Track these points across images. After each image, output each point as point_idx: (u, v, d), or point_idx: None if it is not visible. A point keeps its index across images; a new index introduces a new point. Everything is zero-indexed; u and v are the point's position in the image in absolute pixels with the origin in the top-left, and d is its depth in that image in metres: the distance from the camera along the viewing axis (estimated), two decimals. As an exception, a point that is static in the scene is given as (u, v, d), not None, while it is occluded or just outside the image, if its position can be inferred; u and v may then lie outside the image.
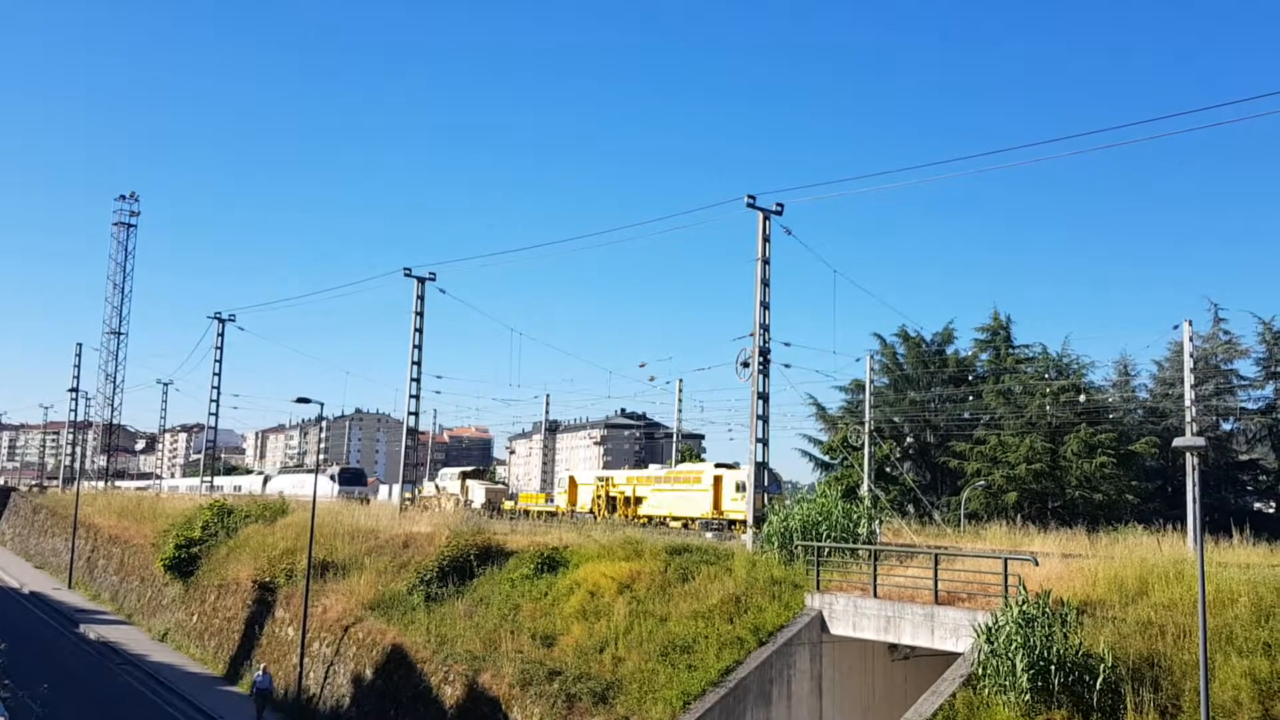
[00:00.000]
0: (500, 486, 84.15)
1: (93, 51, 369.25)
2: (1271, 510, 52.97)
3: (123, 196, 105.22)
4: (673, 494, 49.92)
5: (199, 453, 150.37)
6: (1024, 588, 19.94)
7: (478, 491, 66.13)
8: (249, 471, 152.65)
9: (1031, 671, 18.00)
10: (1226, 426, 57.04)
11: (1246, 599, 19.16)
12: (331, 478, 67.07)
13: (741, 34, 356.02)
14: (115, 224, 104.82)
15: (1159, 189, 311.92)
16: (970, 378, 61.30)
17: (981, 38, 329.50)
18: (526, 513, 59.32)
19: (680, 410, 67.94)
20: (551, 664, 27.14)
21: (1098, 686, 17.68)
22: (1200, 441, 17.10)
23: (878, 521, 31.80)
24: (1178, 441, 16.97)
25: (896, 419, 61.52)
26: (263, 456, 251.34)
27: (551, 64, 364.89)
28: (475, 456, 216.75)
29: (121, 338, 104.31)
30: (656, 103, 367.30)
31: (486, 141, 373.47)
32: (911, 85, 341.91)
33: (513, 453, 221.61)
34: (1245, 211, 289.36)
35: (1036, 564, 22.35)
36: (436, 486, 68.72)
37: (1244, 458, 57.06)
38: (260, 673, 36.44)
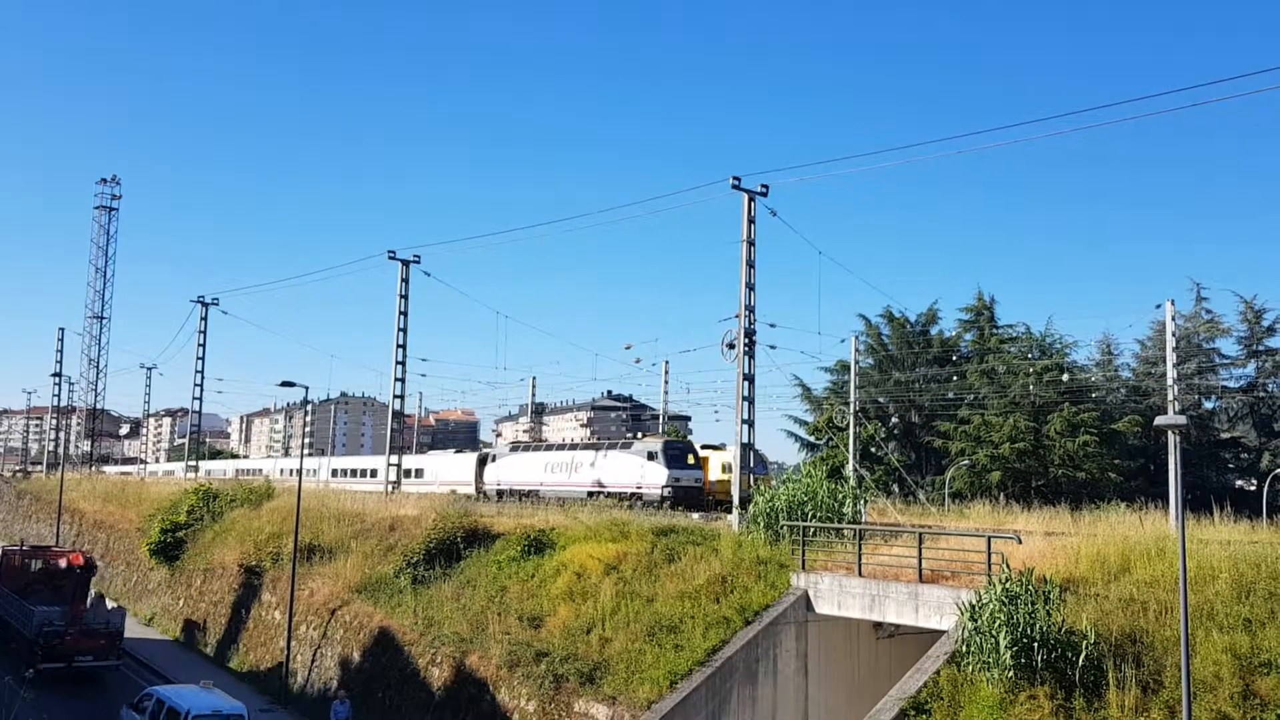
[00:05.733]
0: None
1: (74, 41, 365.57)
2: (1253, 488, 53.21)
3: (104, 180, 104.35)
4: None
5: (183, 437, 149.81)
6: (1007, 566, 20.07)
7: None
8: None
9: (1015, 649, 18.12)
10: (1208, 405, 57.36)
11: (1227, 575, 19.35)
12: (650, 456, 44.37)
13: (724, 17, 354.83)
14: (97, 208, 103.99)
15: (1141, 167, 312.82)
16: (954, 358, 61.49)
17: (963, 14, 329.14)
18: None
19: (666, 392, 68.00)
20: (539, 645, 27.23)
21: (1080, 663, 17.83)
22: (1182, 420, 17.19)
23: (863, 501, 31.93)
24: (1160, 420, 17.06)
25: (881, 399, 61.68)
26: (247, 440, 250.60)
27: (534, 53, 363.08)
28: (461, 439, 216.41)
29: (104, 322, 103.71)
30: (640, 87, 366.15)
31: (471, 129, 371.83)
32: (895, 65, 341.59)
33: (499, 435, 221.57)
34: (1228, 189, 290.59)
35: (1020, 542, 22.50)
36: None
37: (1225, 436, 57.38)
38: (338, 701, 30.48)
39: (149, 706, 28.53)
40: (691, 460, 45.16)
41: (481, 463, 55.69)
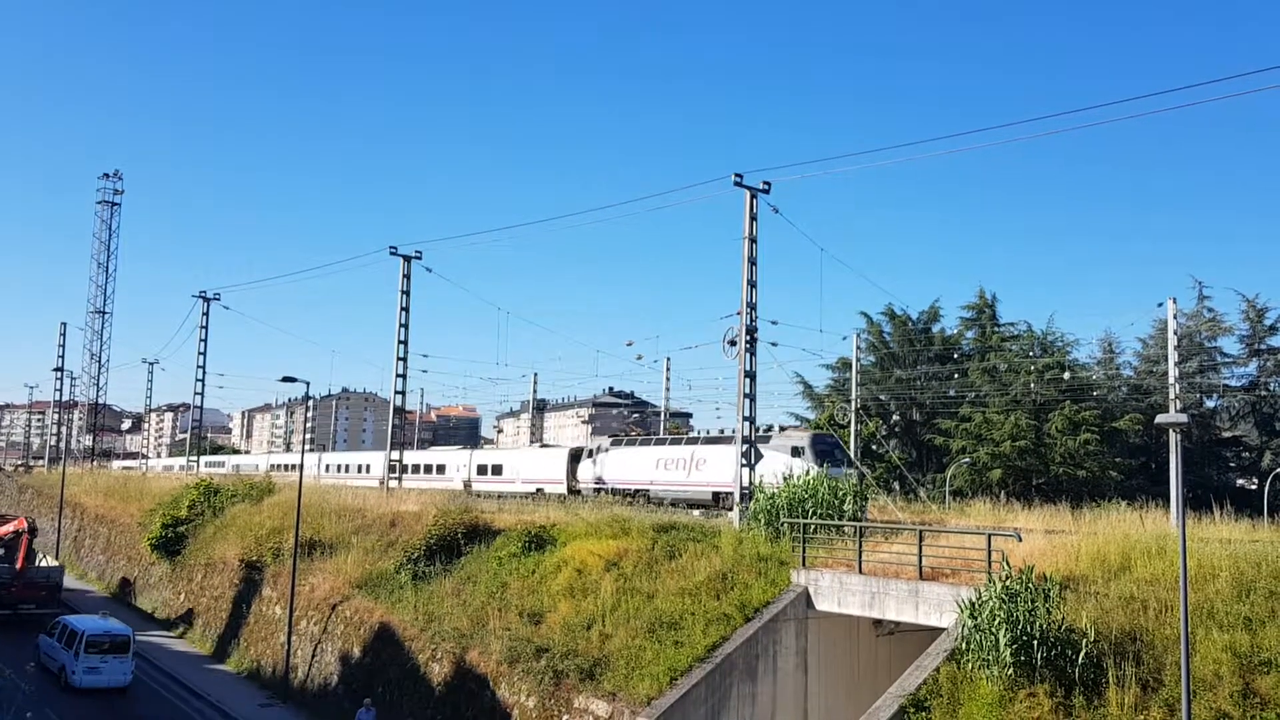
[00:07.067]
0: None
1: (77, 38, 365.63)
2: (1254, 486, 53.23)
3: (106, 175, 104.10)
4: None
5: (185, 432, 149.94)
6: (1007, 563, 20.05)
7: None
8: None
9: (1015, 646, 18.13)
10: (1210, 403, 57.41)
11: (1228, 574, 19.35)
12: (795, 452, 38.77)
13: (726, 15, 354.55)
14: (99, 202, 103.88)
15: (1143, 164, 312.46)
16: (956, 356, 61.46)
17: (965, 12, 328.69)
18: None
19: (668, 389, 67.99)
20: (539, 641, 27.25)
21: (1080, 661, 17.83)
22: (1183, 418, 17.18)
23: (863, 498, 31.93)
24: (1161, 418, 17.04)
25: (883, 397, 61.68)
26: (249, 436, 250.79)
27: (536, 51, 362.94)
28: (463, 435, 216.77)
29: (106, 317, 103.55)
30: (642, 85, 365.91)
31: (473, 126, 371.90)
32: (897, 62, 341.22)
33: (500, 432, 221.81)
34: (1231, 186, 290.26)
35: (1020, 540, 22.48)
36: None
37: (1227, 434, 57.41)
38: (364, 709, 29.59)
39: (57, 631, 37.97)
40: (838, 456, 39.90)
41: (575, 458, 51.57)
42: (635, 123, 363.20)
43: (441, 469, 61.49)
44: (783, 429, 42.89)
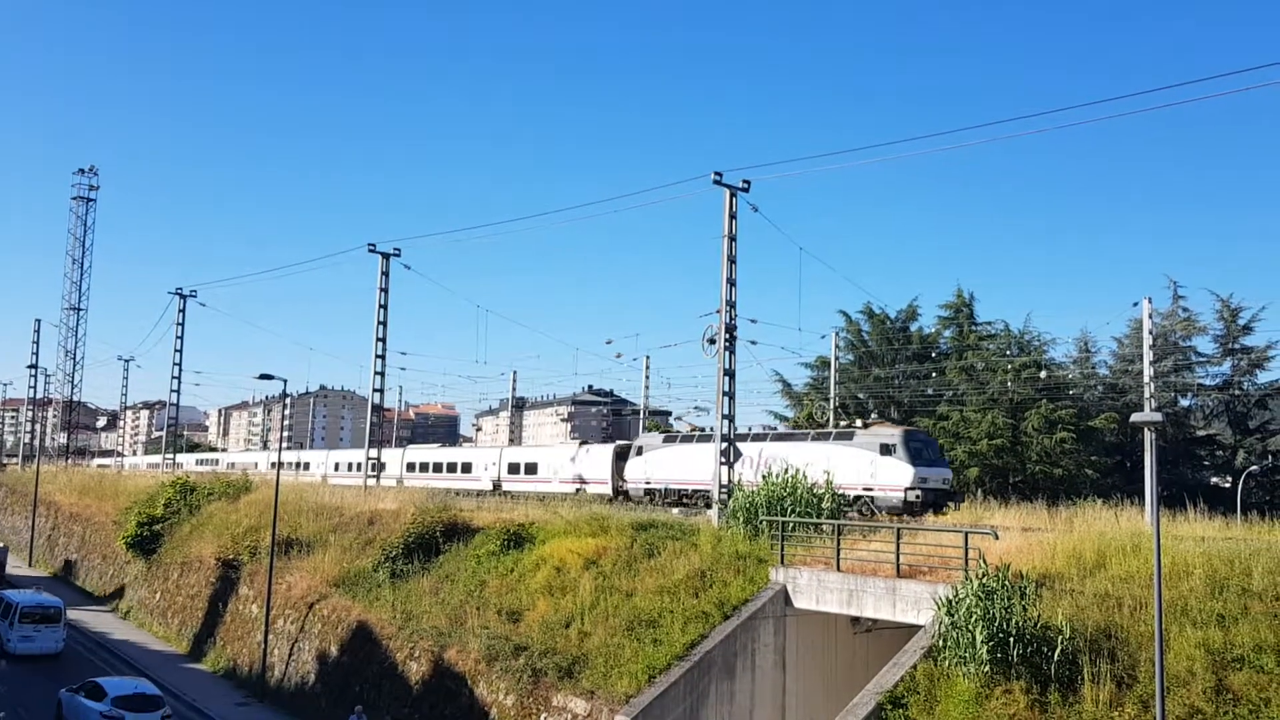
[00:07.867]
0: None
1: (54, 34, 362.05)
2: (1227, 485, 53.73)
3: (81, 171, 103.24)
4: None
5: (161, 430, 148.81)
6: (984, 561, 20.16)
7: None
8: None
9: (991, 643, 18.23)
10: (1184, 402, 57.91)
11: (1201, 572, 19.51)
12: (885, 449, 36.12)
13: (708, 11, 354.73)
14: (74, 198, 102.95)
15: (1122, 163, 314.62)
16: (934, 354, 61.74)
17: (947, 8, 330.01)
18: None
19: (648, 387, 67.98)
20: (517, 639, 27.23)
21: (1055, 658, 17.95)
22: (1158, 417, 17.29)
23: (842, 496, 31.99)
24: (1136, 417, 17.16)
25: (861, 395, 61.90)
26: (226, 434, 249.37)
27: (516, 49, 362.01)
28: (442, 433, 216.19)
29: (81, 314, 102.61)
30: (622, 82, 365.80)
31: (453, 124, 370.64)
32: (876, 60, 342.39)
33: (479, 430, 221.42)
34: (1209, 185, 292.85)
35: (997, 538, 22.63)
36: None
37: (1201, 433, 57.92)
38: (355, 715, 28.21)
39: None
40: (932, 454, 37.11)
41: (620, 456, 48.42)
42: (615, 121, 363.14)
43: (468, 468, 59.35)
44: (866, 424, 39.29)
